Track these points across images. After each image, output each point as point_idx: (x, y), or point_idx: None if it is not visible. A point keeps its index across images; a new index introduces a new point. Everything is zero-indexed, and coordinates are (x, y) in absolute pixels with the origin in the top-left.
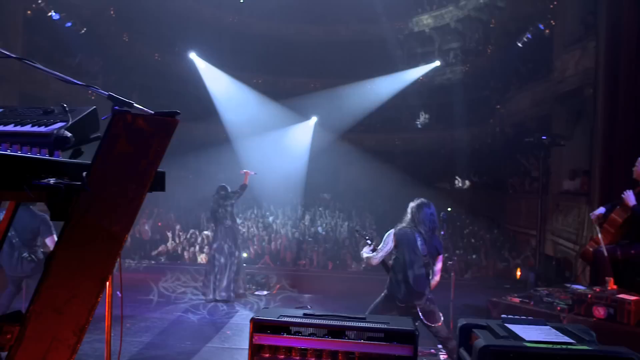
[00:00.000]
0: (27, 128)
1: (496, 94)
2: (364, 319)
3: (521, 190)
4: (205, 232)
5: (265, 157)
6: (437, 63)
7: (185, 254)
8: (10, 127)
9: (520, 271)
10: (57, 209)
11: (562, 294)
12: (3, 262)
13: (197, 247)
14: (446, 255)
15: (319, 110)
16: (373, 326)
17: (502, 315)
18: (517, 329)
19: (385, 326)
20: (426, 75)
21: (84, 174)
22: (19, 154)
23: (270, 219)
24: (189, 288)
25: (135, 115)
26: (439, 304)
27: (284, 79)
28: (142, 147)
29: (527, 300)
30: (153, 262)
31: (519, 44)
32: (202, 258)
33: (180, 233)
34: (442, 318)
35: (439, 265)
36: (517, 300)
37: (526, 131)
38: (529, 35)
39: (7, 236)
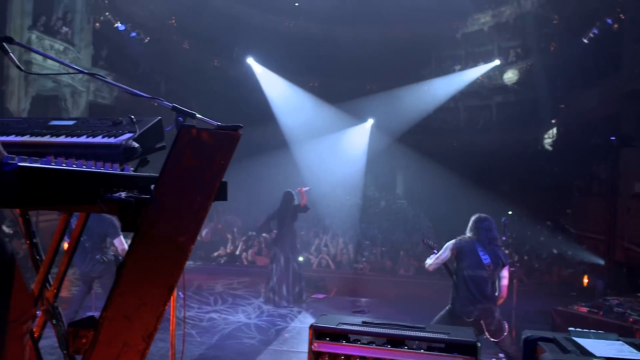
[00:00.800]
0: (99, 139)
1: (560, 93)
2: (424, 328)
3: (587, 193)
4: (264, 235)
5: (322, 160)
6: (497, 62)
7: (243, 256)
8: (83, 139)
9: (588, 278)
10: (128, 220)
11: (634, 304)
12: (77, 263)
13: (255, 250)
14: (509, 261)
15: (375, 113)
16: (433, 336)
17: (570, 328)
18: (586, 343)
19: (446, 336)
20: (485, 75)
21: (152, 186)
22: (93, 169)
23: (327, 221)
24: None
25: (200, 130)
26: (500, 311)
27: (340, 82)
28: (207, 160)
29: (596, 310)
30: (213, 263)
31: (585, 40)
32: (259, 260)
33: (238, 236)
34: (506, 329)
35: (505, 279)
36: (584, 309)
37: (593, 131)
38: (596, 31)
39: (80, 240)
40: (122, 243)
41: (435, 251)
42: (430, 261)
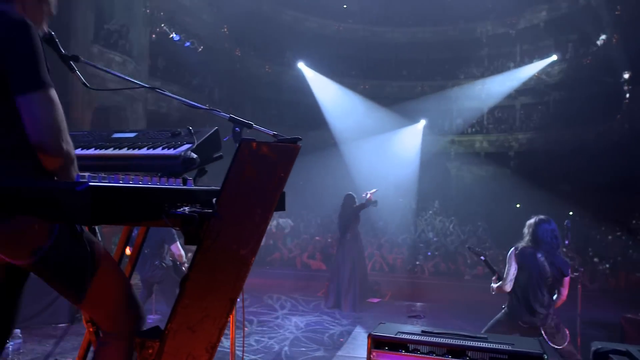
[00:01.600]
0: (159, 151)
1: (624, 87)
2: (486, 338)
3: None
4: (317, 238)
5: (374, 163)
6: (554, 57)
7: (298, 260)
8: (144, 151)
9: None
10: (190, 234)
11: None
12: (137, 269)
13: (308, 253)
14: (571, 264)
15: (427, 114)
16: (497, 347)
17: None
18: None
19: (510, 347)
20: (542, 71)
21: (214, 200)
22: (158, 185)
23: (381, 224)
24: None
25: (260, 143)
26: (564, 318)
27: (391, 83)
28: (267, 173)
29: None
30: (267, 267)
31: None
32: (313, 264)
33: (291, 239)
34: (568, 338)
35: (565, 287)
36: None
37: None
38: None
39: None
40: (178, 249)
41: (483, 257)
42: (496, 285)
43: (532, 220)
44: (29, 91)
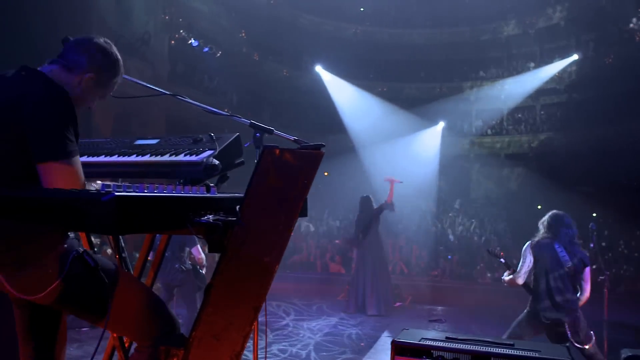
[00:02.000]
0: (181, 157)
1: None
2: (512, 345)
3: None
4: (336, 241)
5: (393, 166)
6: (575, 57)
7: (318, 263)
8: (167, 157)
9: None
10: (215, 242)
11: None
12: (158, 273)
13: (329, 257)
14: (594, 266)
15: (446, 115)
16: (523, 354)
17: None
18: None
19: (537, 355)
20: (563, 71)
21: (238, 207)
22: (182, 194)
23: (400, 226)
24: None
25: (283, 150)
26: (590, 322)
27: (409, 85)
28: (291, 180)
29: None
30: (288, 271)
31: None
32: (333, 267)
33: (312, 242)
34: (593, 338)
35: (587, 280)
36: None
37: None
38: None
39: None
40: (199, 252)
41: (503, 260)
42: (507, 277)
43: (545, 216)
44: (49, 160)
